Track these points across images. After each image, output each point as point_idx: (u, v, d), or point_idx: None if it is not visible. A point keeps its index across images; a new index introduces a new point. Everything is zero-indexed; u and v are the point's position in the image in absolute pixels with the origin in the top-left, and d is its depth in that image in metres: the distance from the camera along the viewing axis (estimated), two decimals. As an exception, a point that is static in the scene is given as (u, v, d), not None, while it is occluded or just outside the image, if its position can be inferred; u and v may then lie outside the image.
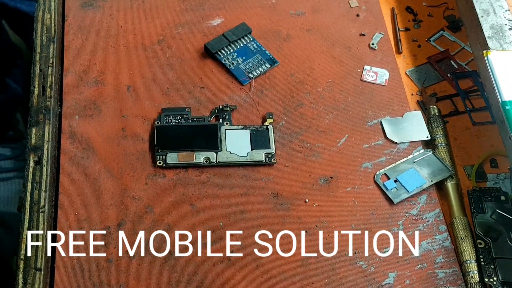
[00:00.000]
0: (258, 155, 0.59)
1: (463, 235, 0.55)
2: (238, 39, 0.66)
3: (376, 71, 0.66)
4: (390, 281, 0.53)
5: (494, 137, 0.62)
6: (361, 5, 0.71)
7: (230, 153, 0.58)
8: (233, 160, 0.58)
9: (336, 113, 0.63)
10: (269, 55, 0.66)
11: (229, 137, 0.59)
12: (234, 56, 0.65)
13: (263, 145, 0.59)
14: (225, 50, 0.66)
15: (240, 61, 0.65)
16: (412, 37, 0.70)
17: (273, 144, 0.60)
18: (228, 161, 0.58)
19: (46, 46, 0.65)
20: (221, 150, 0.58)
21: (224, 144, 0.59)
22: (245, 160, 0.58)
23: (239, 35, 0.66)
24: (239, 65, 0.65)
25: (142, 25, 0.68)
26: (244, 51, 0.66)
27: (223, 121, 0.61)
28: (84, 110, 0.61)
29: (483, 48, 0.62)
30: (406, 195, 0.57)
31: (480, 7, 0.64)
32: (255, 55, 0.66)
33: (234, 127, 0.60)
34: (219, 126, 0.60)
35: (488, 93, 0.61)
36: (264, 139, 0.60)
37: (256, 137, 0.60)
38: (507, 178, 0.59)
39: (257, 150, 0.59)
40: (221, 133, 0.59)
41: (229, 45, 0.66)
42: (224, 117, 0.61)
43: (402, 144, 0.61)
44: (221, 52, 0.65)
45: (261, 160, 0.58)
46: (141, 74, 0.64)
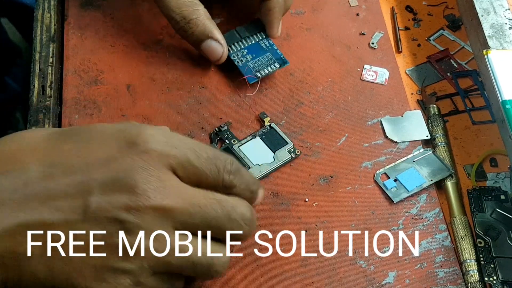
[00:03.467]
0: (283, 154, 0.58)
1: (462, 234, 0.55)
2: (250, 35, 0.65)
3: (376, 70, 0.66)
4: (390, 280, 0.53)
5: (494, 136, 0.62)
6: (361, 4, 0.71)
7: (259, 165, 0.57)
8: (267, 171, 0.57)
9: (336, 112, 0.63)
10: (280, 54, 0.64)
11: (247, 152, 0.58)
12: (244, 53, 0.64)
13: (279, 143, 0.59)
14: (235, 46, 0.64)
15: (249, 58, 0.63)
16: (412, 36, 0.70)
17: (287, 138, 0.59)
18: (264, 173, 0.57)
19: (46, 45, 0.65)
20: (250, 168, 0.57)
21: (248, 160, 0.57)
22: (276, 164, 0.57)
23: (252, 32, 0.65)
24: (247, 62, 0.63)
25: (142, 24, 0.68)
26: (255, 49, 0.64)
27: (229, 140, 0.59)
28: (84, 109, 0.61)
29: (483, 47, 0.62)
30: (406, 194, 0.57)
31: (480, 6, 0.64)
32: (266, 53, 0.64)
33: (243, 140, 0.59)
34: (231, 147, 0.58)
35: (488, 92, 0.61)
36: (276, 137, 0.59)
37: (269, 139, 0.59)
38: (507, 177, 0.59)
39: (279, 150, 0.58)
40: (237, 152, 0.58)
41: (240, 41, 0.64)
42: (228, 136, 0.59)
43: (402, 143, 0.61)
44: (231, 47, 0.64)
45: (288, 157, 0.58)
46: (141, 74, 0.64)
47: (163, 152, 0.40)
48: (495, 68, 0.59)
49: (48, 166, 0.39)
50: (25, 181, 0.38)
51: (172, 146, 0.41)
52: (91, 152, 0.39)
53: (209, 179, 0.42)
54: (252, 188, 0.46)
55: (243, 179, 0.44)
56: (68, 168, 0.39)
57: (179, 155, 0.41)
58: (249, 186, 0.45)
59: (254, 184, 0.46)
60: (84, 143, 0.40)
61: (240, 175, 0.44)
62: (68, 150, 0.40)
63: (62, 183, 0.38)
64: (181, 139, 0.42)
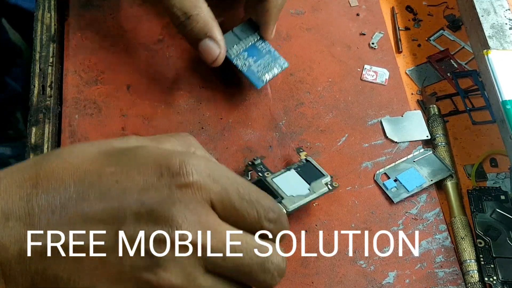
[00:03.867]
0: (319, 186, 0.55)
1: (463, 234, 0.55)
2: (247, 37, 0.61)
3: (376, 71, 0.66)
4: (390, 281, 0.53)
5: (494, 137, 0.62)
6: (361, 5, 0.71)
7: (293, 196, 0.54)
8: (300, 202, 0.53)
9: (336, 112, 0.63)
10: (279, 56, 0.61)
11: (281, 184, 0.55)
12: (245, 56, 0.61)
13: (315, 176, 0.56)
14: (235, 49, 0.61)
15: (251, 62, 0.60)
16: (412, 36, 0.70)
17: (324, 171, 0.56)
18: (299, 204, 0.53)
19: (46, 45, 0.65)
20: (283, 198, 0.53)
21: (282, 192, 0.54)
22: (312, 197, 0.54)
23: (248, 33, 0.61)
24: (251, 66, 0.60)
25: (143, 24, 0.68)
26: (254, 51, 0.61)
27: (262, 173, 0.56)
28: (84, 109, 0.61)
29: (484, 47, 0.62)
30: (406, 194, 0.57)
31: (480, 7, 0.64)
32: (265, 56, 0.61)
33: (277, 173, 0.56)
34: (264, 179, 0.55)
35: (488, 93, 0.61)
36: (312, 170, 0.56)
37: (304, 172, 0.56)
38: (507, 177, 0.59)
39: (315, 182, 0.55)
40: (270, 184, 0.55)
41: (238, 43, 0.61)
42: (261, 170, 0.56)
43: (402, 143, 0.61)
44: (231, 50, 0.60)
45: (325, 190, 0.55)
46: (141, 74, 0.64)
47: (205, 186, 0.37)
48: (496, 68, 0.59)
49: (86, 188, 0.37)
50: (63, 203, 0.36)
51: (215, 181, 0.38)
52: (131, 178, 0.37)
53: (246, 222, 0.39)
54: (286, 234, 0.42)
55: (282, 226, 0.41)
56: (104, 193, 0.37)
57: (221, 192, 0.38)
58: (283, 232, 0.42)
59: (287, 229, 0.42)
60: (126, 167, 0.38)
61: (280, 223, 0.40)
62: (110, 173, 0.38)
63: (96, 208, 0.36)
64: (225, 173, 0.39)
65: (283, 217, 0.41)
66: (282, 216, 0.41)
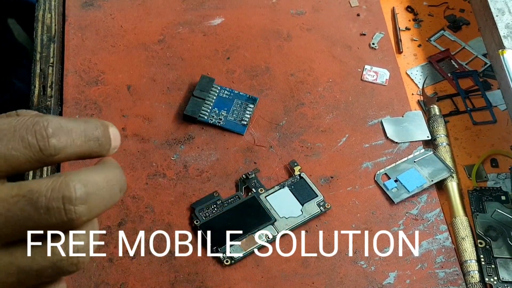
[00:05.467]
0: (311, 208, 0.56)
1: (463, 234, 0.55)
2: (208, 93, 0.62)
3: (376, 71, 0.66)
4: (391, 281, 0.53)
5: (495, 137, 0.62)
6: (362, 5, 0.71)
7: (285, 218, 0.55)
8: (293, 225, 0.55)
9: (336, 112, 0.63)
10: (245, 95, 0.62)
11: (274, 203, 0.56)
12: (217, 112, 0.61)
13: (308, 195, 0.56)
14: (204, 110, 0.61)
15: (224, 114, 0.61)
16: (413, 36, 0.70)
17: (317, 190, 0.57)
18: (290, 228, 0.54)
19: (47, 45, 0.65)
20: (276, 220, 0.55)
21: (274, 212, 0.55)
22: (304, 218, 0.55)
23: (208, 89, 0.62)
24: (227, 118, 0.61)
25: (143, 24, 0.68)
26: (221, 102, 0.62)
27: (256, 189, 0.57)
28: (84, 109, 0.61)
29: (499, 47, 0.61)
30: (406, 194, 0.57)
31: (495, 6, 0.64)
32: (233, 100, 0.62)
33: (271, 190, 0.57)
34: (257, 196, 0.56)
35: (504, 92, 0.61)
36: (306, 189, 0.57)
37: (297, 190, 0.57)
38: (507, 177, 0.59)
39: (308, 203, 0.56)
40: (263, 202, 0.56)
41: (204, 104, 0.61)
42: (255, 185, 0.57)
43: (403, 143, 0.61)
44: (201, 113, 0.61)
45: (317, 211, 0.55)
46: (142, 74, 0.64)
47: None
48: (511, 68, 0.59)
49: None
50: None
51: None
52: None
53: (20, 160, 0.27)
54: (95, 135, 0.32)
55: (73, 133, 0.29)
56: None
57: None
58: (88, 136, 0.31)
59: (94, 129, 0.32)
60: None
61: (66, 130, 0.29)
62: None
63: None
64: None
65: (64, 122, 0.29)
66: (63, 121, 0.29)
